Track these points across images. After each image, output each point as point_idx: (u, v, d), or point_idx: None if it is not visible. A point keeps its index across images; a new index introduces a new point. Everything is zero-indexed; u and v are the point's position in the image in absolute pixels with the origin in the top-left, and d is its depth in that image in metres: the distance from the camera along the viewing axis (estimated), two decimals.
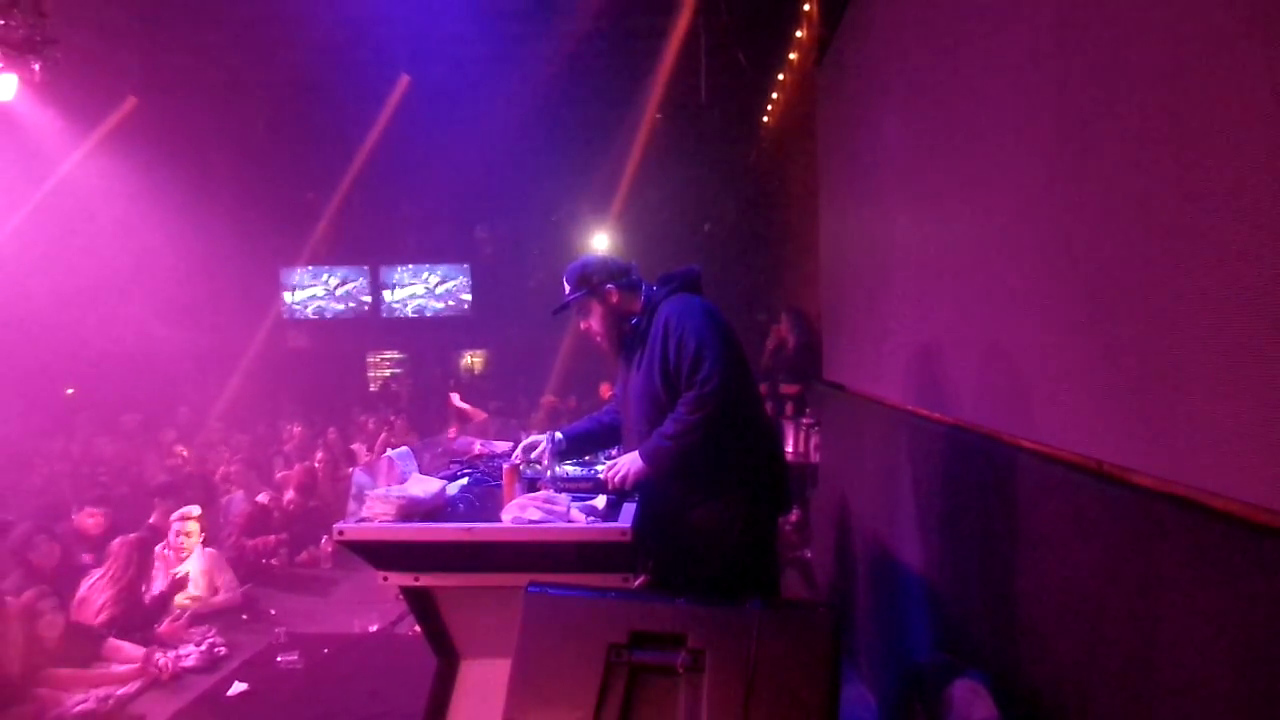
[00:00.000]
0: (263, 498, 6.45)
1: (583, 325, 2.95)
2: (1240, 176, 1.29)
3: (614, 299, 2.85)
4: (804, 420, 5.42)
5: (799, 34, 6.75)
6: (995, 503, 2.36)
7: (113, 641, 4.31)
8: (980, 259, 2.48)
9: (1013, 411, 2.24)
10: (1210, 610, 1.36)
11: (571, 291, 2.91)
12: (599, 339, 2.92)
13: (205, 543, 5.39)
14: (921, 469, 3.09)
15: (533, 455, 2.86)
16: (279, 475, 7.48)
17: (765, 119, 9.22)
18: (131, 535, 4.90)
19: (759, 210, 10.39)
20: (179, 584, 4.89)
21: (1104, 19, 1.72)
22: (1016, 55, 2.15)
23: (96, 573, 4.69)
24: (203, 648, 4.47)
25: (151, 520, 5.81)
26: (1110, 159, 1.70)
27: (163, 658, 4.26)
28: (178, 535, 5.18)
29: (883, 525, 3.61)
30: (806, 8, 6.26)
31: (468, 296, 13.68)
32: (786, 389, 5.93)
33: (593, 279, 2.87)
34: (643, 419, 2.76)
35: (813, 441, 5.24)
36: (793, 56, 7.15)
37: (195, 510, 5.34)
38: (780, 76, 7.91)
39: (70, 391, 9.95)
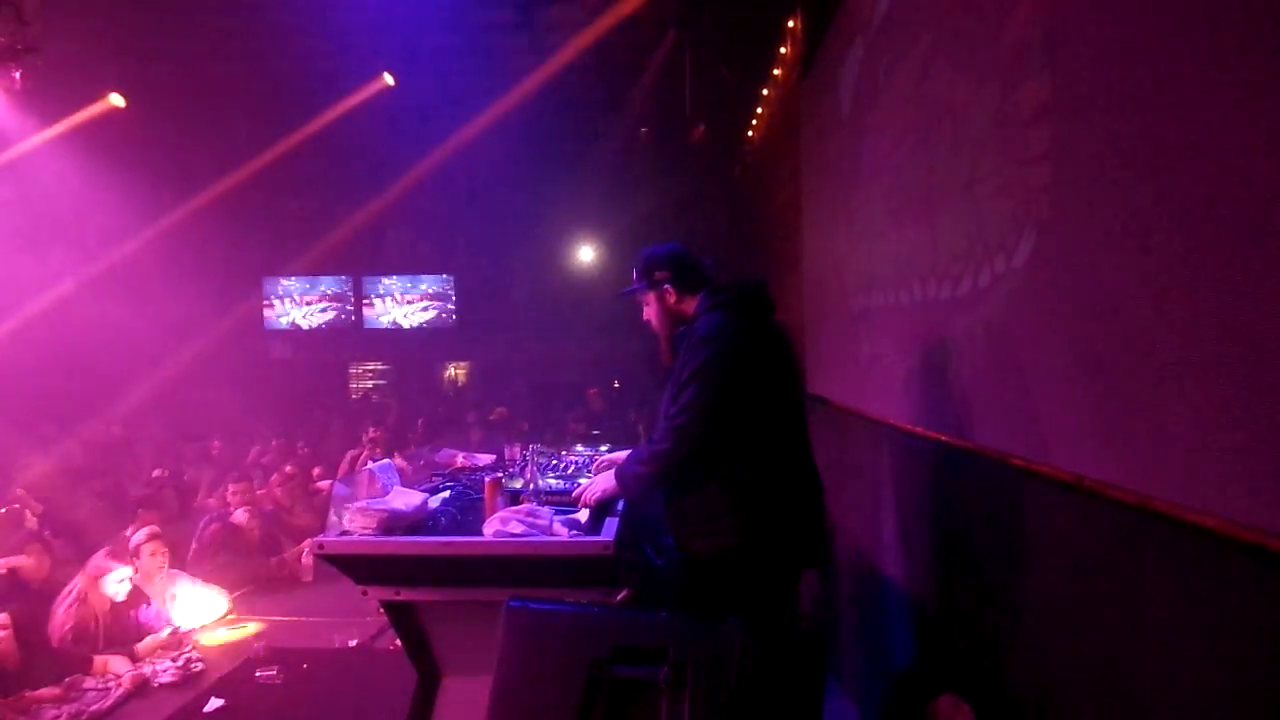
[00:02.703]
0: (241, 515, 6.37)
1: (644, 316, 2.78)
2: (1210, 191, 1.31)
3: (670, 299, 2.68)
4: None
5: (783, 50, 6.81)
6: (977, 517, 2.37)
7: (92, 658, 4.25)
8: (961, 273, 2.50)
9: (995, 426, 2.26)
10: (1187, 624, 1.38)
11: (635, 281, 2.76)
12: (658, 335, 2.75)
13: (179, 560, 5.32)
14: (905, 483, 3.11)
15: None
16: (259, 491, 7.40)
17: (750, 133, 9.28)
18: (103, 553, 4.82)
19: (744, 224, 10.44)
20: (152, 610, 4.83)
21: (1090, 26, 1.75)
22: (997, 67, 2.18)
23: (71, 588, 4.63)
24: (179, 663, 4.41)
25: (129, 533, 5.73)
26: (1091, 174, 1.72)
27: (137, 672, 4.20)
28: (151, 555, 5.10)
29: (866, 539, 3.62)
30: (791, 24, 6.31)
31: (452, 308, 13.64)
32: None
33: (654, 273, 2.70)
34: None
35: None
36: (777, 72, 7.20)
37: (154, 530, 5.26)
38: (765, 92, 7.96)
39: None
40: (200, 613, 5.16)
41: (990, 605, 2.24)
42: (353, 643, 4.79)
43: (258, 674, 4.35)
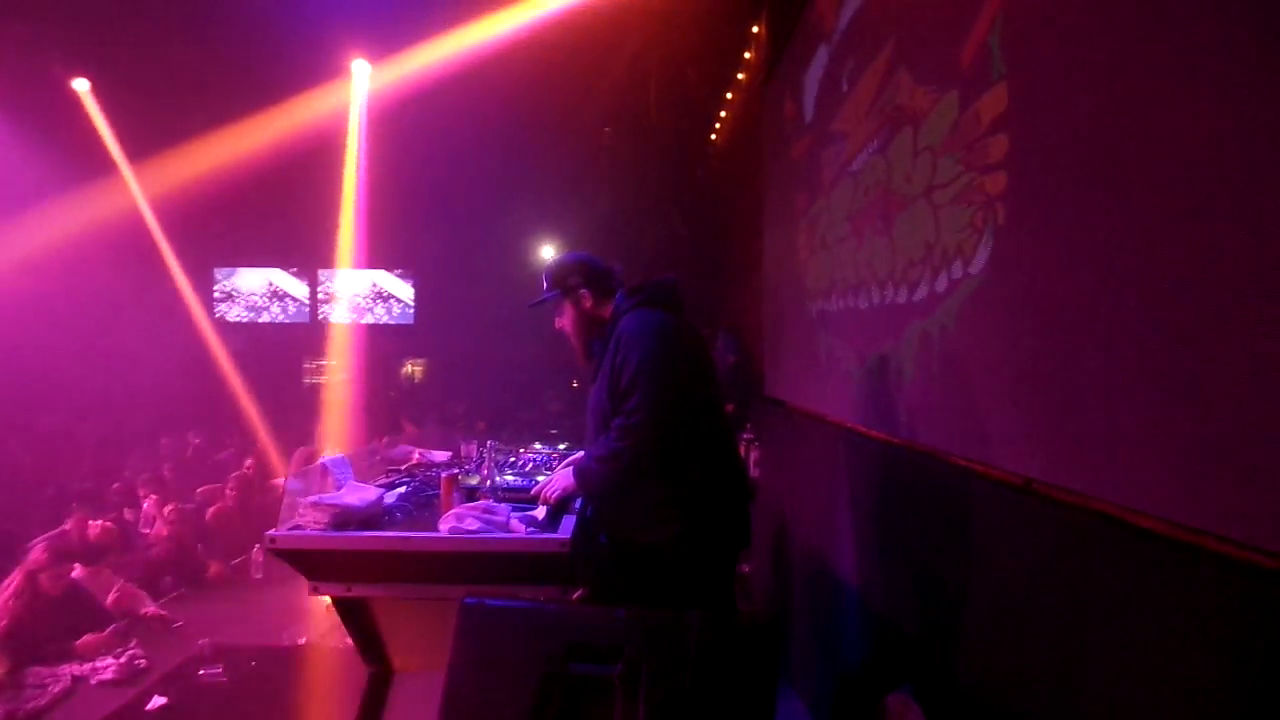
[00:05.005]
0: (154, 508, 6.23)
1: (556, 325, 2.86)
2: (1160, 203, 1.35)
3: (587, 303, 2.76)
4: (743, 436, 5.47)
5: (747, 55, 6.86)
6: (929, 518, 2.41)
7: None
8: (915, 279, 2.55)
9: (948, 429, 2.30)
10: (1131, 623, 1.42)
11: (547, 289, 2.82)
12: (572, 342, 2.84)
13: (121, 553, 5.21)
14: (858, 484, 3.15)
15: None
16: (199, 490, 7.25)
17: (713, 137, 9.34)
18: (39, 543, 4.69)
19: (706, 227, 10.50)
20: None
21: (1044, 42, 1.79)
22: (957, 78, 2.22)
23: (9, 582, 4.49)
24: (121, 660, 4.30)
25: (67, 526, 5.59)
26: (1046, 183, 1.76)
27: (77, 669, 4.09)
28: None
29: (819, 539, 3.66)
30: (756, 30, 6.36)
31: (410, 304, 13.48)
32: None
33: (568, 280, 2.77)
34: (595, 434, 2.68)
35: (752, 457, 5.29)
36: (741, 76, 7.26)
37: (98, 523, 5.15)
38: (729, 95, 8.02)
39: None
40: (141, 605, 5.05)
41: (940, 605, 2.28)
42: (302, 640, 4.72)
43: (202, 672, 4.27)
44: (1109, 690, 1.47)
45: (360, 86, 9.61)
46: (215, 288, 13.34)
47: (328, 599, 2.61)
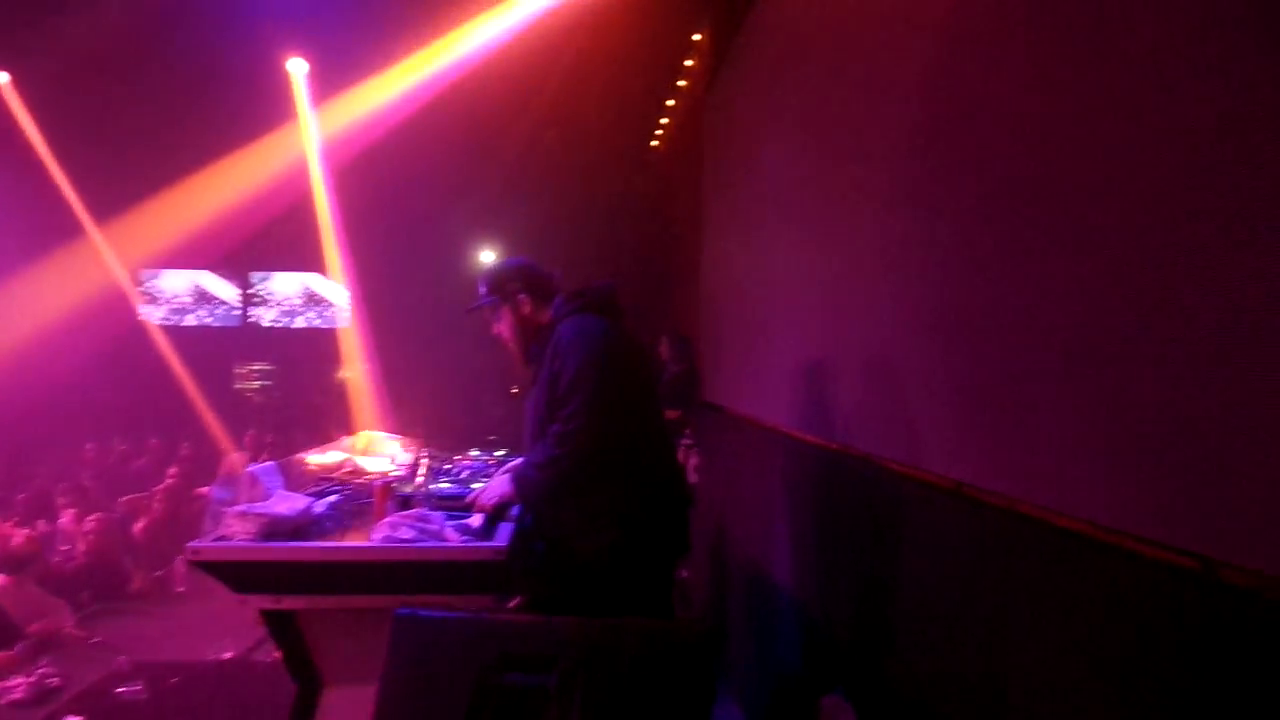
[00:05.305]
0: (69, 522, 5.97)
1: (493, 330, 2.83)
2: (1071, 212, 1.39)
3: (525, 309, 2.73)
4: (683, 441, 5.49)
5: (689, 63, 6.92)
6: (864, 523, 2.45)
7: None
8: (850, 287, 2.59)
9: (882, 435, 2.34)
10: (1055, 621, 1.45)
11: (485, 294, 2.80)
12: (509, 347, 2.81)
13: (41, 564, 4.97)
14: (795, 490, 3.18)
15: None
16: (123, 500, 6.97)
17: (655, 143, 9.39)
18: None
19: (648, 233, 10.53)
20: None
21: (966, 61, 1.84)
22: (888, 90, 2.26)
23: None
24: (32, 679, 4.10)
25: None
26: (967, 199, 1.80)
27: None
28: None
29: (757, 544, 3.69)
30: (697, 38, 6.41)
31: (346, 309, 13.21)
32: (668, 414, 5.98)
33: (506, 285, 2.75)
34: (532, 440, 2.64)
35: (691, 462, 5.31)
36: (682, 84, 7.31)
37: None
38: (670, 103, 8.07)
39: None
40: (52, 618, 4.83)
41: (873, 607, 2.32)
42: (228, 654, 4.57)
43: (120, 690, 4.09)
44: (1034, 687, 1.51)
45: (299, 89, 9.39)
46: (139, 289, 12.88)
47: (256, 611, 2.52)
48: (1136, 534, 1.25)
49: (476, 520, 2.54)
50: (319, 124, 9.96)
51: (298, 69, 9.10)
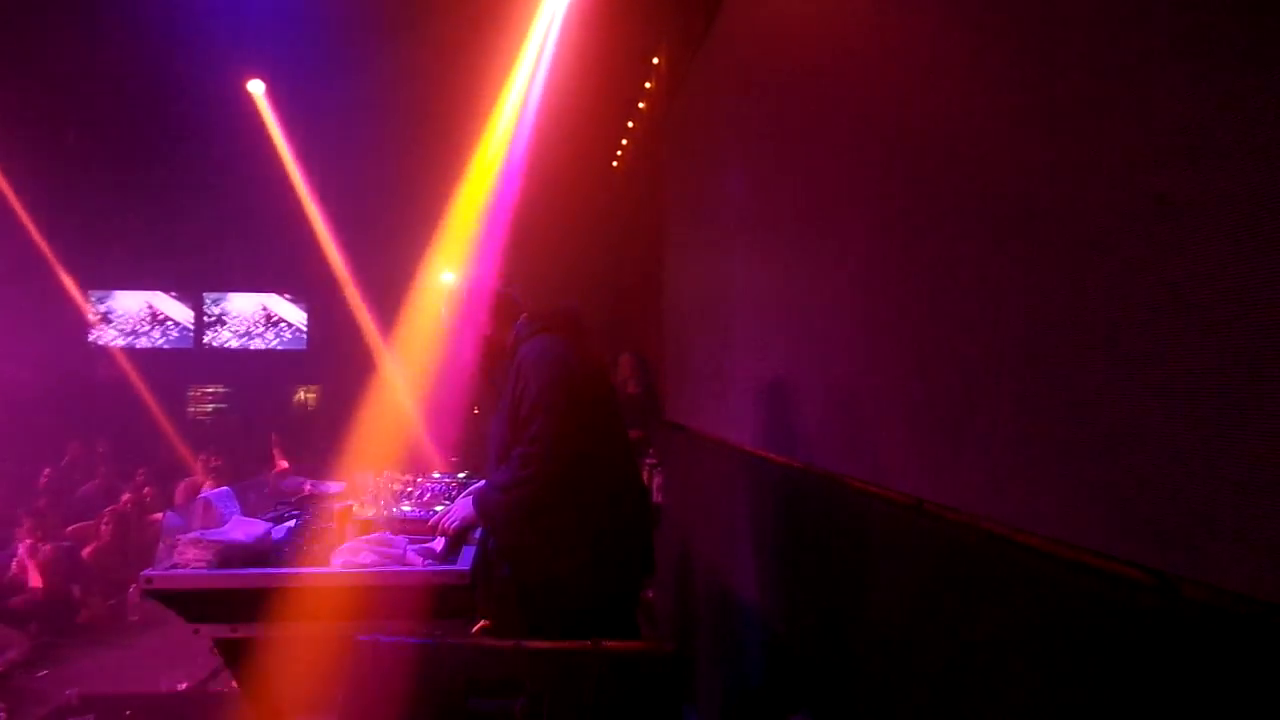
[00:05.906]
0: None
1: (455, 351, 2.85)
2: (1041, 231, 1.43)
3: (488, 330, 2.74)
4: (647, 461, 5.49)
5: (648, 85, 6.98)
6: (827, 541, 2.46)
7: None
8: (811, 304, 2.62)
9: (845, 453, 2.36)
10: (1018, 637, 1.47)
11: (447, 316, 2.81)
12: (475, 367, 2.81)
13: None
14: (759, 508, 3.19)
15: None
16: (70, 529, 6.75)
17: (615, 164, 9.45)
18: None
19: (610, 253, 10.56)
20: None
21: (919, 84, 1.88)
22: (848, 110, 2.30)
23: None
24: None
25: None
26: (923, 213, 1.84)
27: None
28: None
29: (722, 563, 3.69)
30: (655, 61, 6.48)
31: (303, 329, 13.03)
32: (631, 434, 5.97)
33: (468, 306, 2.76)
34: (496, 462, 2.63)
35: (656, 482, 5.31)
36: (642, 105, 7.38)
37: None
38: (630, 124, 8.13)
39: None
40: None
41: (837, 626, 2.33)
42: (182, 685, 4.44)
43: None
44: (998, 704, 1.53)
45: (261, 106, 9.30)
46: (89, 311, 12.58)
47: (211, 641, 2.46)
48: (1095, 549, 1.27)
49: (439, 544, 2.51)
50: (285, 142, 9.85)
51: (257, 89, 9.00)
